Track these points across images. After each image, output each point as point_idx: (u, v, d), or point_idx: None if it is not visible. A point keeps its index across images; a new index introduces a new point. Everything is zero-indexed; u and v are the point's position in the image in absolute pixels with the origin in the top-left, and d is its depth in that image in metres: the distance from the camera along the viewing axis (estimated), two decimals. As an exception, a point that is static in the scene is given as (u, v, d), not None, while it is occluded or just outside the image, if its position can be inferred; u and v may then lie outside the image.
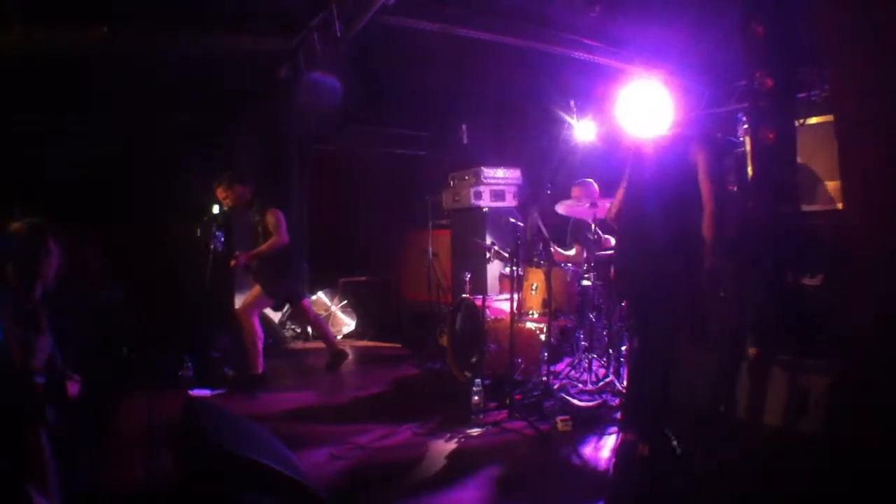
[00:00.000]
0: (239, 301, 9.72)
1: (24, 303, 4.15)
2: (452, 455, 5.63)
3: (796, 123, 6.62)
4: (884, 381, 4.48)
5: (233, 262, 7.88)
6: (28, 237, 4.29)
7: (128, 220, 9.10)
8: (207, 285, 7.83)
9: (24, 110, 8.45)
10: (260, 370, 7.80)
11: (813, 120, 7.10)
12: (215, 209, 8.02)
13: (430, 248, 10.91)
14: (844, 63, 4.89)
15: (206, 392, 7.51)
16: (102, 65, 8.18)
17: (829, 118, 6.24)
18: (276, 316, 10.75)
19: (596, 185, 8.02)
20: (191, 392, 7.28)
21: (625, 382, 6.75)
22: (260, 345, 7.84)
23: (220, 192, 7.96)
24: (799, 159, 6.81)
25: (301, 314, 8.87)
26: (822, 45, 5.38)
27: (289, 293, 8.47)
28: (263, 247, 7.87)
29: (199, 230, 7.85)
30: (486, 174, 10.04)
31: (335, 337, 9.10)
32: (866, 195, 4.77)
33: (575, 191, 7.97)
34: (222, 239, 7.77)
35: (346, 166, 12.57)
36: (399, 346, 10.75)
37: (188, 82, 8.94)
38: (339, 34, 7.75)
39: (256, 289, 8.05)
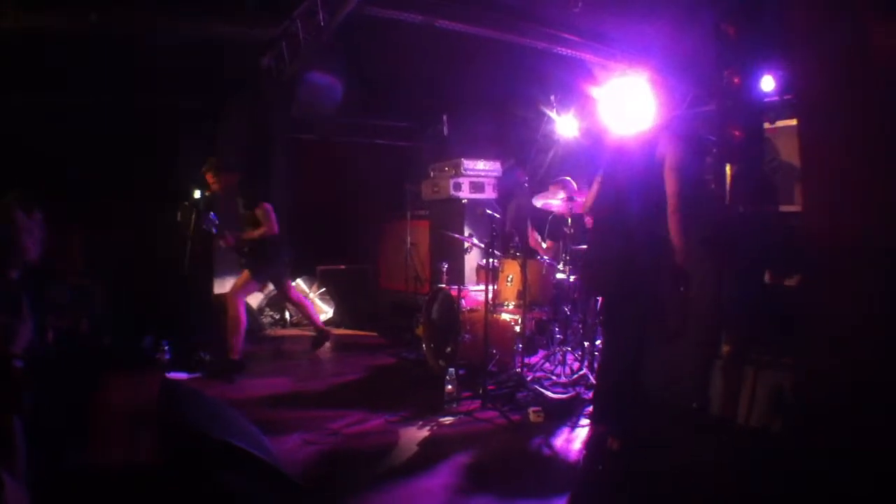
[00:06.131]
0: (218, 285, 9.76)
1: (0, 285, 4.11)
2: (424, 442, 5.70)
3: (766, 124, 6.68)
4: (850, 381, 4.55)
5: (222, 242, 7.97)
6: (2, 217, 4.25)
7: (109, 203, 9.09)
8: (187, 269, 7.85)
9: (13, 90, 8.46)
10: (237, 356, 7.83)
11: (794, 122, 7.18)
12: (196, 194, 8.04)
13: (409, 238, 10.97)
14: (807, 60, 4.98)
15: (182, 376, 7.54)
16: (91, 48, 8.18)
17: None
18: (254, 302, 10.75)
19: (574, 184, 8.04)
20: (168, 375, 7.31)
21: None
22: (242, 331, 7.88)
23: (209, 178, 8.02)
24: (780, 160, 6.90)
25: (285, 296, 8.92)
26: (786, 42, 5.47)
27: (274, 275, 8.49)
28: (255, 234, 7.94)
29: (179, 214, 7.86)
30: (466, 166, 10.09)
31: (319, 317, 9.18)
32: (828, 193, 4.85)
33: (552, 188, 7.98)
34: (217, 221, 7.80)
35: (327, 155, 12.57)
36: (375, 334, 10.80)
37: (174, 67, 8.94)
38: (322, 23, 7.78)
39: (245, 273, 8.10)
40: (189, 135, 10.27)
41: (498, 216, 7.59)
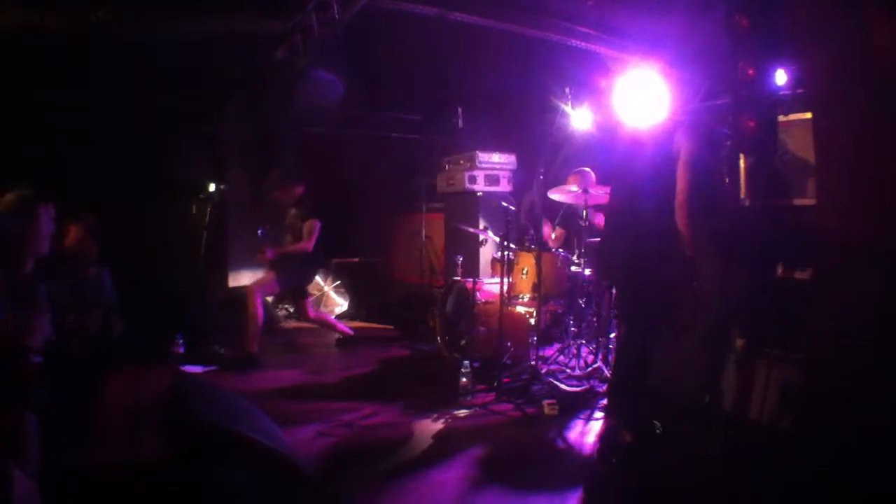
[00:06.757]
0: (233, 279, 9.80)
1: (16, 279, 4.12)
2: (438, 435, 5.71)
3: (781, 117, 6.64)
4: (854, 376, 4.53)
5: (261, 256, 8.15)
6: (15, 211, 4.25)
7: (120, 198, 9.11)
8: (202, 263, 7.88)
9: (20, 88, 8.49)
10: (253, 350, 7.88)
11: (806, 115, 7.14)
12: (211, 188, 8.07)
13: (424, 231, 10.97)
14: (813, 59, 4.96)
15: (197, 369, 7.57)
16: (91, 48, 8.19)
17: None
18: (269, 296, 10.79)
19: (593, 175, 8.00)
20: (182, 369, 7.33)
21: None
22: (258, 325, 7.94)
23: (278, 191, 8.33)
24: (792, 153, 6.86)
25: (303, 316, 8.96)
26: (793, 40, 5.44)
27: (295, 288, 8.58)
28: (290, 247, 8.19)
29: (194, 207, 7.91)
30: (481, 158, 10.08)
31: (341, 324, 9.21)
32: (838, 190, 4.83)
33: (571, 179, 7.95)
34: (265, 237, 8.00)
35: (335, 149, 12.52)
36: (390, 327, 10.79)
37: (174, 67, 8.94)
38: (336, 16, 7.77)
39: (270, 274, 8.21)
40: (189, 135, 10.30)
41: (513, 209, 7.57)
